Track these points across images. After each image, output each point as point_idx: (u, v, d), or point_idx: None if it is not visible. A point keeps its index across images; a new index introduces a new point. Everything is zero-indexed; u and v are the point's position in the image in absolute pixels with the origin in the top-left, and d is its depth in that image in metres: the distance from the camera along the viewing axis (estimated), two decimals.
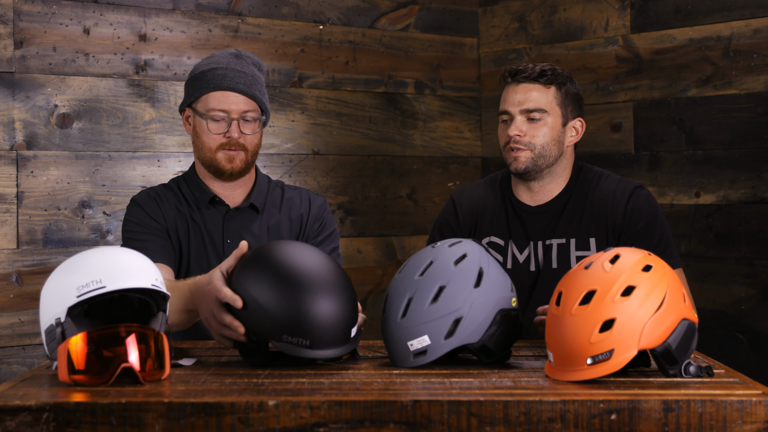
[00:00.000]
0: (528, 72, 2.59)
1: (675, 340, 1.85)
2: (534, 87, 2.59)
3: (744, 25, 3.41)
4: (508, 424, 1.70)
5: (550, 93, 2.60)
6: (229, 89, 2.54)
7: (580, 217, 2.61)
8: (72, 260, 2.00)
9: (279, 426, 1.71)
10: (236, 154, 2.56)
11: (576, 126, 2.66)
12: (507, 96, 2.62)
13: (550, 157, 2.61)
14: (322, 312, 1.97)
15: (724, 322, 3.45)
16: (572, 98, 2.64)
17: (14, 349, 3.21)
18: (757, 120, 3.38)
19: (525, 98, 2.59)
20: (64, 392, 1.82)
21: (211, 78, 2.55)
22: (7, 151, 3.20)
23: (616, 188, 2.63)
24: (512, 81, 2.62)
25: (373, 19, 3.87)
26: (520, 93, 2.60)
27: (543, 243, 2.61)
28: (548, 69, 2.60)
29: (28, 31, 3.23)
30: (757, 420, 1.71)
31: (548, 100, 2.59)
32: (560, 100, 2.61)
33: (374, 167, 3.89)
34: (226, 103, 2.54)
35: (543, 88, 2.60)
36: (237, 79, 2.54)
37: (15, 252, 3.20)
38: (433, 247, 2.10)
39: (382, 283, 3.85)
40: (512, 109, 2.60)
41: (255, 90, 2.57)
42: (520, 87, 2.60)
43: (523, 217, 2.66)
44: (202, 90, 2.56)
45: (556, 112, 2.61)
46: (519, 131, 2.58)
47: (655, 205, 2.63)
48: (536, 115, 2.58)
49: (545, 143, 2.59)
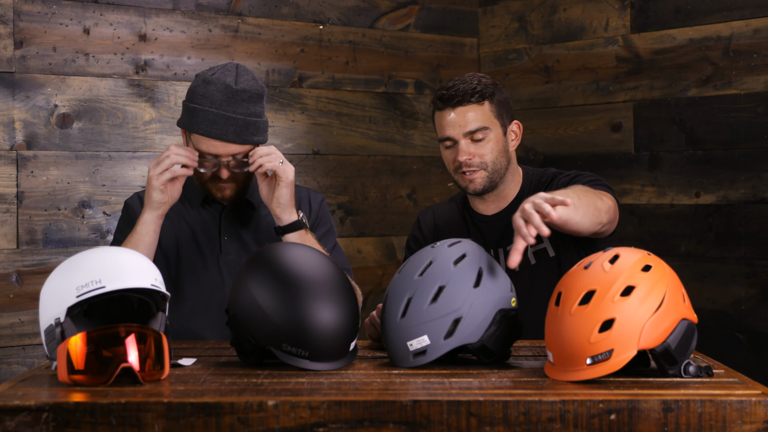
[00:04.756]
0: (460, 95, 2.56)
1: (674, 340, 1.85)
2: (469, 107, 2.57)
3: (744, 25, 3.41)
4: (507, 424, 1.70)
5: (485, 108, 2.58)
6: (217, 138, 2.45)
7: None
8: (71, 260, 2.00)
9: (278, 426, 1.71)
10: (227, 185, 2.55)
11: (514, 130, 2.67)
12: (444, 122, 2.59)
13: (501, 169, 2.62)
14: (324, 325, 1.98)
15: (724, 322, 3.45)
16: (504, 104, 2.63)
17: (14, 349, 3.21)
18: (757, 120, 3.38)
19: (464, 121, 2.57)
20: (63, 392, 1.82)
21: (202, 121, 2.45)
22: (7, 151, 3.20)
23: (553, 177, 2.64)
24: (445, 106, 2.59)
25: (373, 19, 3.87)
26: (458, 116, 2.57)
27: (504, 249, 2.63)
28: (476, 85, 2.58)
29: (28, 31, 3.23)
30: (757, 420, 1.71)
31: (486, 116, 2.58)
32: (495, 111, 2.60)
33: (374, 167, 3.89)
34: (215, 149, 2.47)
35: (478, 106, 2.58)
36: (227, 128, 2.44)
37: (15, 252, 3.20)
38: (432, 247, 2.11)
39: (382, 283, 3.85)
40: (454, 134, 2.58)
41: (245, 135, 2.46)
42: (457, 110, 2.57)
43: (481, 227, 2.69)
44: (191, 127, 2.48)
45: (496, 124, 2.60)
46: (468, 154, 2.57)
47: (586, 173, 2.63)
48: (479, 134, 2.57)
49: (495, 158, 2.59)
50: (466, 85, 2.58)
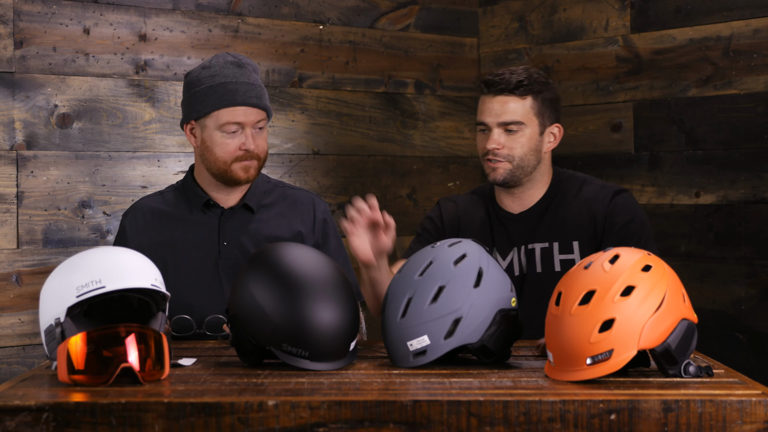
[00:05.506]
0: (504, 84, 2.56)
1: (675, 340, 1.85)
2: (510, 99, 2.57)
3: (744, 25, 3.41)
4: (507, 424, 1.70)
5: (526, 104, 2.58)
6: (244, 104, 2.53)
7: (562, 221, 2.61)
8: (71, 260, 2.00)
9: (279, 426, 1.71)
10: (251, 164, 2.57)
11: (554, 132, 2.65)
12: (484, 107, 2.60)
13: (528, 167, 2.60)
14: (324, 325, 1.98)
15: (724, 322, 3.45)
16: (549, 104, 2.62)
17: (14, 349, 3.21)
18: (757, 120, 3.38)
19: (502, 110, 2.57)
20: (63, 392, 1.82)
21: (222, 93, 2.53)
22: (7, 151, 3.20)
23: (599, 192, 2.63)
24: (488, 92, 2.59)
25: (373, 19, 3.87)
26: (497, 105, 2.57)
27: (525, 248, 2.62)
28: (524, 78, 2.57)
29: (28, 31, 3.23)
30: (757, 420, 1.71)
31: (525, 111, 2.57)
32: (537, 109, 2.59)
33: (374, 167, 3.89)
34: (241, 116, 2.54)
35: (519, 99, 2.57)
36: (249, 92, 2.54)
37: (15, 252, 3.20)
38: (432, 247, 2.11)
39: None
40: (489, 121, 2.58)
41: (265, 100, 2.58)
42: (497, 99, 2.57)
43: (506, 224, 2.67)
44: (213, 106, 2.54)
45: (534, 122, 2.59)
46: (497, 144, 2.57)
47: (636, 207, 2.63)
48: (513, 127, 2.57)
49: (523, 154, 2.58)
50: (515, 77, 2.57)
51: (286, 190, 2.73)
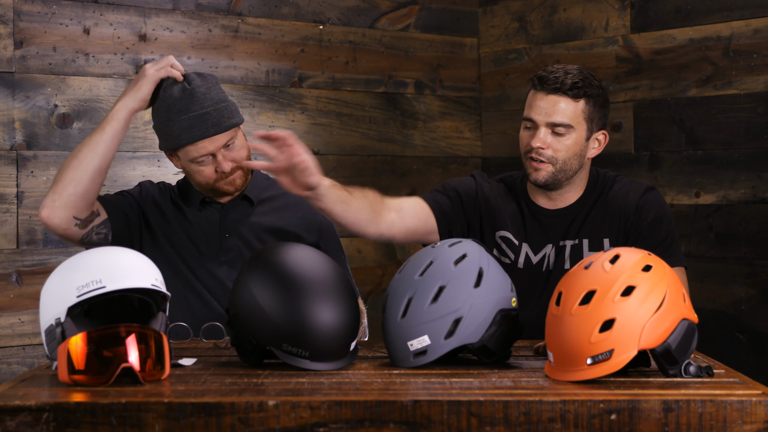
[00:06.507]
0: (558, 83, 2.47)
1: (675, 340, 1.85)
2: (562, 99, 2.47)
3: (744, 25, 3.41)
4: (508, 424, 1.71)
5: (578, 106, 2.49)
6: (201, 139, 2.48)
7: (594, 219, 2.57)
8: (72, 260, 2.00)
9: (279, 426, 1.71)
10: (235, 176, 2.57)
11: (599, 138, 2.58)
12: (533, 103, 2.50)
13: (570, 171, 2.52)
14: (324, 325, 1.97)
15: (724, 322, 3.45)
16: (599, 110, 2.54)
17: (14, 349, 3.21)
18: (757, 120, 3.38)
19: (552, 110, 2.47)
20: (64, 392, 1.82)
21: (180, 133, 2.48)
22: (7, 151, 3.20)
23: (629, 189, 2.58)
24: (541, 89, 2.49)
25: (373, 19, 3.87)
26: (548, 103, 2.47)
27: (556, 245, 2.58)
28: (579, 81, 2.48)
29: (28, 31, 3.23)
30: (757, 420, 1.71)
31: (575, 114, 2.48)
32: (588, 113, 2.51)
33: (374, 167, 3.89)
34: (205, 149, 2.50)
35: (572, 101, 2.48)
36: (203, 124, 2.48)
37: (15, 252, 3.21)
38: (432, 247, 2.11)
39: (382, 283, 3.85)
40: (538, 119, 2.48)
41: (226, 119, 2.51)
42: (549, 97, 2.47)
43: (542, 221, 2.59)
44: (174, 143, 2.51)
45: (582, 126, 2.50)
46: (542, 143, 2.48)
47: (664, 205, 2.59)
48: (561, 129, 2.47)
49: (567, 158, 2.50)
50: (570, 77, 2.48)
51: None
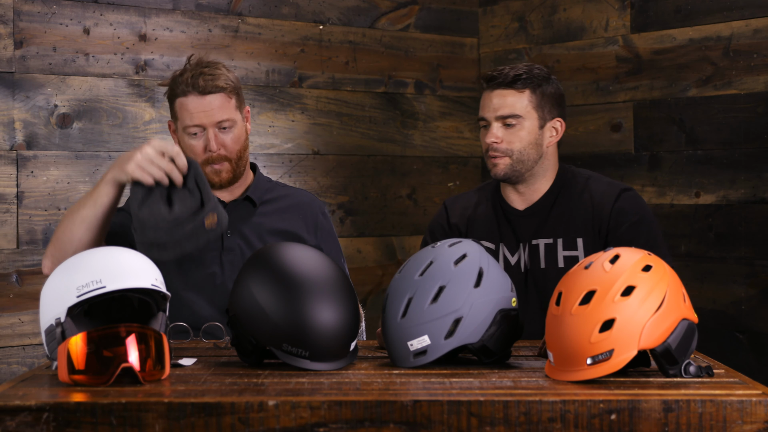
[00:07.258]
0: (502, 77, 2.59)
1: (675, 340, 1.85)
2: (508, 92, 2.59)
3: (744, 25, 3.41)
4: (508, 424, 1.71)
5: (524, 97, 2.59)
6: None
7: (567, 218, 2.62)
8: (72, 260, 2.00)
9: (279, 426, 1.71)
10: (221, 167, 2.57)
11: (555, 126, 2.66)
12: (483, 102, 2.63)
13: (528, 161, 2.61)
14: (324, 325, 1.97)
15: (724, 322, 3.45)
16: (550, 99, 2.63)
17: (14, 349, 3.21)
18: (757, 120, 3.38)
19: (500, 104, 2.59)
20: (64, 392, 1.82)
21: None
22: (7, 151, 3.20)
23: (605, 190, 2.63)
24: (487, 87, 2.62)
25: (373, 19, 3.87)
26: (495, 99, 2.59)
27: (530, 243, 2.62)
28: (523, 72, 2.59)
29: (28, 31, 3.23)
30: (757, 420, 1.71)
31: (522, 105, 2.59)
32: (536, 102, 2.60)
33: (374, 167, 3.89)
34: (199, 119, 2.53)
35: (517, 93, 2.59)
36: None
37: (15, 252, 3.21)
38: (432, 247, 2.11)
39: (382, 283, 3.85)
40: (488, 116, 2.60)
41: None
42: (495, 93, 2.60)
43: (512, 220, 2.67)
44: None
45: (533, 115, 2.60)
46: (495, 138, 2.59)
47: (643, 206, 2.62)
48: (511, 121, 2.58)
49: (522, 148, 2.59)
50: (514, 71, 2.59)
51: (287, 190, 2.75)
